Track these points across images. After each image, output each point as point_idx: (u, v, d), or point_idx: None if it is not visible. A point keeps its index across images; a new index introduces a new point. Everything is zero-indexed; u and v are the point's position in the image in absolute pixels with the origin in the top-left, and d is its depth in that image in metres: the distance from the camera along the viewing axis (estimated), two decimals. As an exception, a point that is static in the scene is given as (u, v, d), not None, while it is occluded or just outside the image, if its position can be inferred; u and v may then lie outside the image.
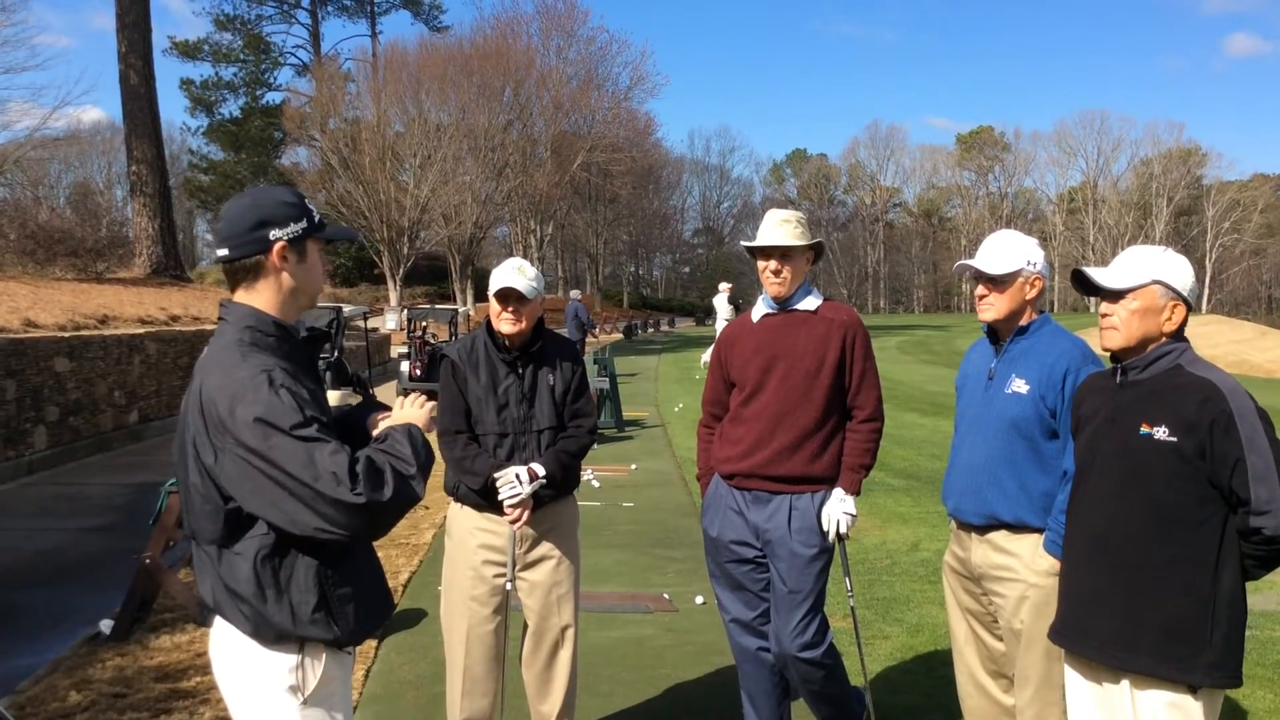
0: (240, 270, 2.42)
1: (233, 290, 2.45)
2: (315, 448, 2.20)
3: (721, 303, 24.05)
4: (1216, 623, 2.70)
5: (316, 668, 2.40)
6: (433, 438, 2.59)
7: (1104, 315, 2.89)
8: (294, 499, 2.20)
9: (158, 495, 5.97)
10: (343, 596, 2.39)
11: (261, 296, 2.43)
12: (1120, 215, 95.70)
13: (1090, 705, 2.95)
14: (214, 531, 2.34)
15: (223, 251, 2.42)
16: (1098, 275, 2.89)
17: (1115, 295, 2.85)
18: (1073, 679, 3.02)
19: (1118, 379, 2.89)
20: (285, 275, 2.43)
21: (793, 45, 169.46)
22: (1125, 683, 2.80)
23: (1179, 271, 2.84)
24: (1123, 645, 2.78)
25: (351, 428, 2.57)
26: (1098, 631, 2.85)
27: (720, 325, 24.28)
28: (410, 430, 2.42)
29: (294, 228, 2.43)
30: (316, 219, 2.49)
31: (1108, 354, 2.95)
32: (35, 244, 21.18)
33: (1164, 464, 2.72)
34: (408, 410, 2.57)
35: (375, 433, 2.50)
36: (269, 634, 2.35)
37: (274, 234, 2.40)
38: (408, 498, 2.29)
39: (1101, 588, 2.85)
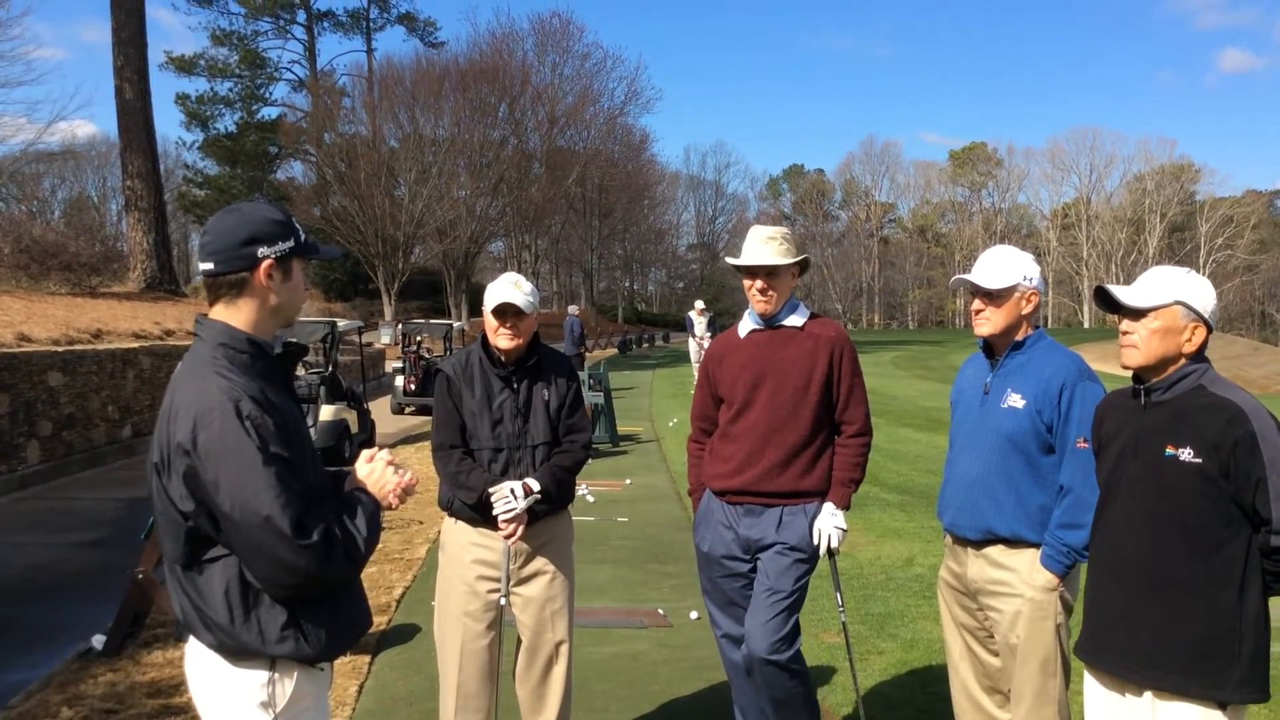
0: (224, 285, 2.40)
1: (212, 304, 2.44)
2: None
3: (699, 322, 24.98)
4: (1244, 639, 2.73)
5: (288, 685, 2.38)
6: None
7: (1124, 333, 2.91)
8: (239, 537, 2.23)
9: (150, 509, 5.94)
10: (313, 614, 2.36)
11: (241, 313, 2.41)
12: (1114, 231, 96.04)
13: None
14: (175, 550, 2.32)
15: (208, 266, 2.40)
16: (1120, 293, 2.91)
17: (1137, 314, 2.87)
18: (1093, 693, 3.03)
19: (1141, 400, 2.91)
20: (270, 294, 2.42)
21: (788, 62, 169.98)
22: (1149, 695, 2.82)
23: (1201, 294, 2.86)
24: (1152, 663, 2.81)
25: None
26: (1126, 650, 2.87)
27: (693, 344, 25.06)
28: (375, 513, 2.42)
29: (281, 246, 2.42)
30: (303, 238, 2.49)
31: (1129, 372, 2.97)
32: (29, 258, 21.17)
33: (1189, 485, 2.75)
34: (385, 476, 2.51)
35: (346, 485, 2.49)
36: (238, 652, 2.34)
37: (262, 251, 2.39)
38: (336, 572, 2.31)
39: (1129, 607, 2.87)
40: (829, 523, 4.00)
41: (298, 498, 2.23)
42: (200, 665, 2.41)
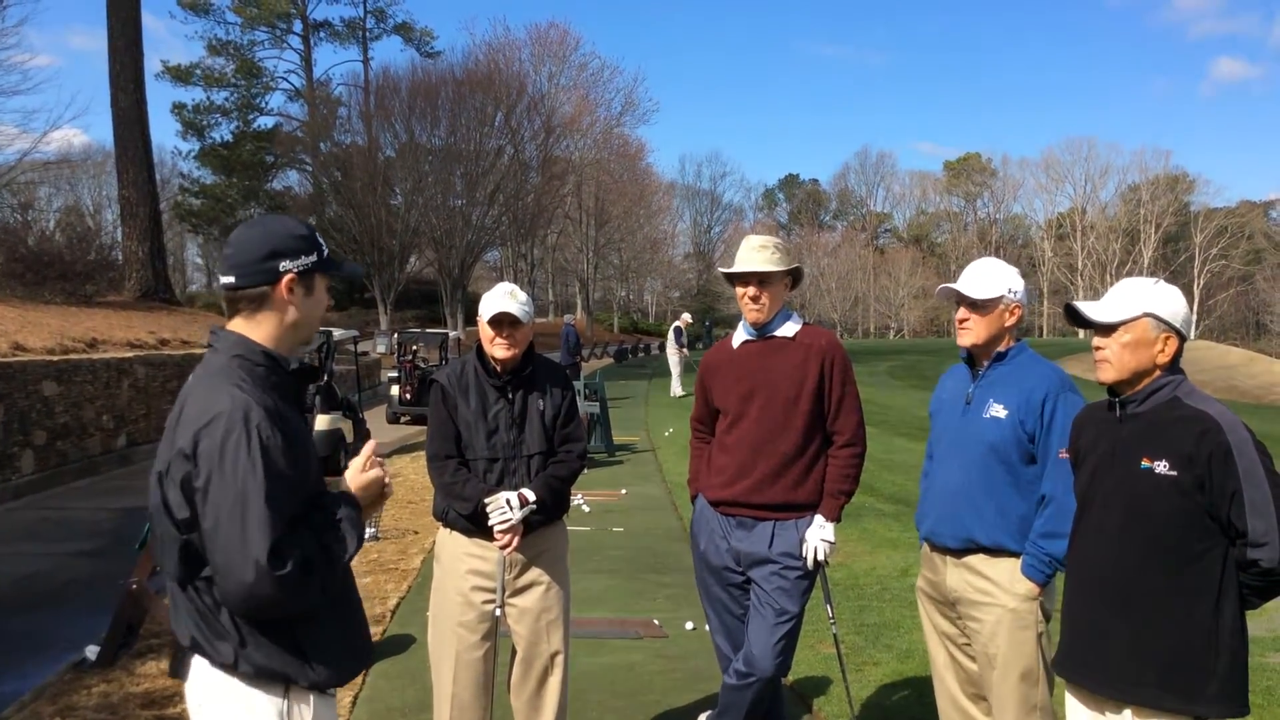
0: (244, 299, 2.38)
1: (230, 317, 2.41)
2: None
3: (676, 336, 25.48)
4: (1220, 653, 2.72)
5: (305, 712, 2.34)
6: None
7: (1097, 349, 2.90)
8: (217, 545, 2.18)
9: (144, 519, 5.95)
10: (319, 640, 2.33)
11: (260, 327, 2.38)
12: (1108, 242, 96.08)
13: None
14: (173, 568, 2.29)
15: (229, 279, 2.37)
16: (1088, 309, 2.90)
17: (1107, 329, 2.86)
18: (1074, 709, 3.02)
19: (1116, 413, 2.91)
20: (290, 308, 2.40)
21: (783, 70, 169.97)
22: (1128, 713, 2.81)
23: (1170, 303, 2.85)
24: (1127, 678, 2.80)
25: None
26: (1101, 664, 2.86)
27: (673, 356, 25.31)
28: (360, 524, 2.36)
29: (305, 260, 2.40)
30: (326, 254, 2.47)
31: (1104, 387, 2.96)
32: (24, 267, 21.11)
33: (1165, 498, 2.75)
34: (366, 476, 2.44)
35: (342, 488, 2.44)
36: (250, 671, 2.29)
37: (284, 265, 2.37)
38: (302, 605, 2.24)
39: (1104, 620, 2.87)
40: (816, 535, 4.02)
41: (283, 522, 2.17)
42: (210, 689, 2.32)
